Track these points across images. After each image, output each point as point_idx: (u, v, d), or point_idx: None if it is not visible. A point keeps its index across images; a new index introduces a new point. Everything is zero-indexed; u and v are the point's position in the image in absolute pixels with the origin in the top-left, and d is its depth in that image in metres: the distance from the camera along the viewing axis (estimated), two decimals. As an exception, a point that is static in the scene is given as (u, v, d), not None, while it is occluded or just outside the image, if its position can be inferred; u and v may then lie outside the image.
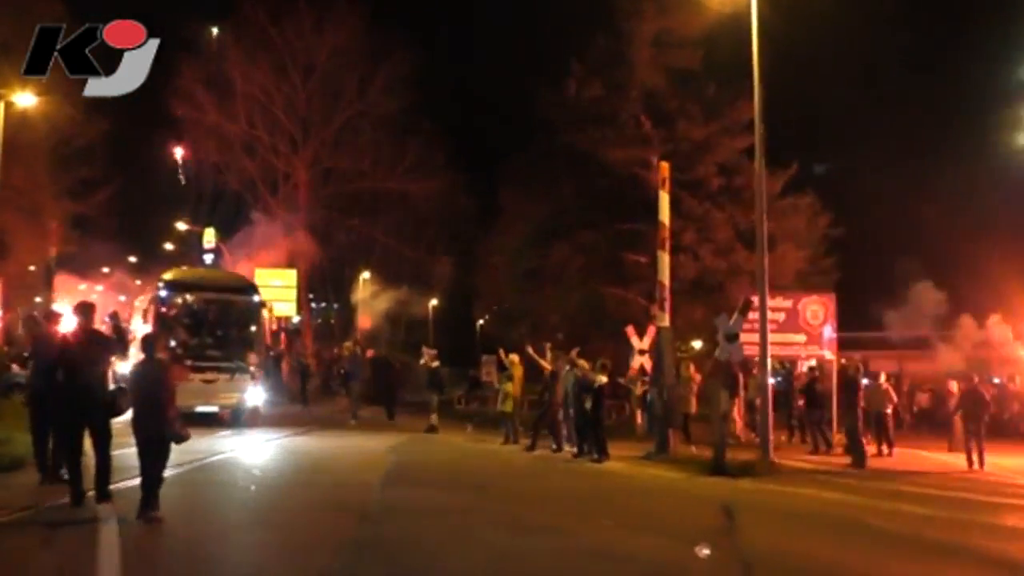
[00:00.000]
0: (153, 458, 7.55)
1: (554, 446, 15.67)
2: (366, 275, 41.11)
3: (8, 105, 22.34)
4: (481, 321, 48.27)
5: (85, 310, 8.59)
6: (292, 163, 38.31)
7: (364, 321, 39.79)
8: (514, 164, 30.46)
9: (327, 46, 36.68)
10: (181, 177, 39.57)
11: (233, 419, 17.41)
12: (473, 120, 45.26)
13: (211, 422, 16.36)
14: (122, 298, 36.19)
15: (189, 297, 18.94)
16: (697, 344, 25.23)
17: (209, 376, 17.02)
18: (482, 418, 21.78)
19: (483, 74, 49.22)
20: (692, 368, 18.53)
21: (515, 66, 40.11)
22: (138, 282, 38.78)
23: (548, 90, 26.55)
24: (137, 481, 7.68)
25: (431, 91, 38.58)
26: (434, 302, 45.74)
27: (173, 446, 7.77)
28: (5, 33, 21.97)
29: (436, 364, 19.59)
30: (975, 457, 15.13)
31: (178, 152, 38.96)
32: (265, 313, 19.41)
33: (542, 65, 34.75)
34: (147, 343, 8.17)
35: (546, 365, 16.25)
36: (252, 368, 17.93)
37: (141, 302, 23.13)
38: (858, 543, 8.27)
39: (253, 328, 18.96)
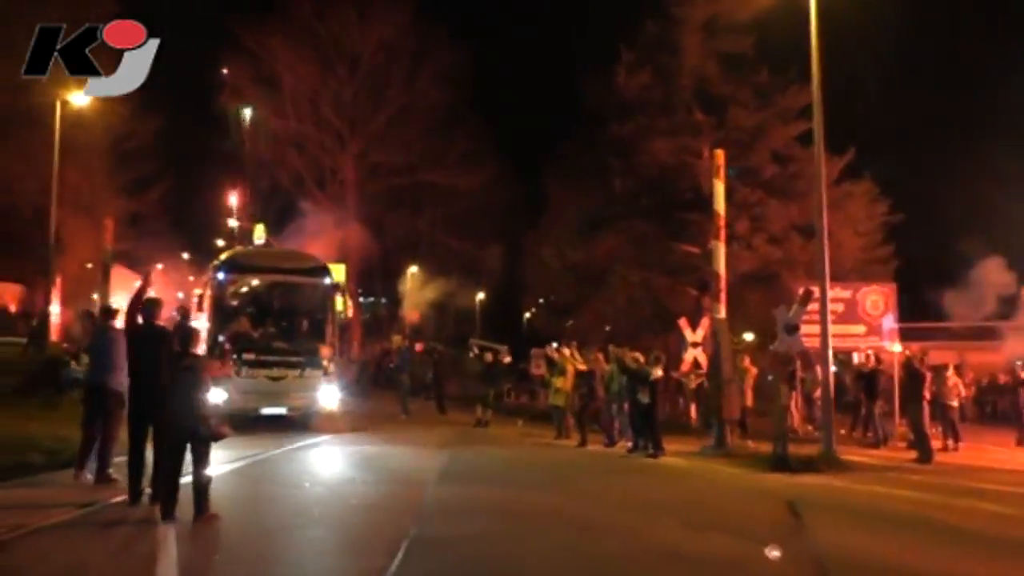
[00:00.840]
0: (195, 460, 7.42)
1: (606, 440, 15.46)
2: (414, 269, 41.16)
3: (64, 105, 22.78)
4: (528, 314, 48.08)
5: (151, 307, 8.57)
6: (339, 158, 38.48)
7: (412, 315, 39.83)
8: (562, 155, 30.18)
9: (373, 40, 36.72)
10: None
11: (304, 421, 15.47)
12: (520, 111, 45.03)
13: (280, 425, 15.06)
14: (180, 295, 36.75)
15: (250, 280, 16.99)
16: (748, 336, 24.72)
17: (276, 373, 15.18)
18: (531, 412, 21.61)
19: (531, 64, 48.98)
20: (747, 361, 18.15)
21: (563, 55, 39.92)
22: (191, 278, 39.38)
23: (596, 79, 26.25)
24: (190, 479, 7.63)
25: (478, 82, 38.51)
26: (481, 295, 45.66)
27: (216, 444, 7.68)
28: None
29: (508, 360, 19.98)
30: None
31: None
32: (339, 298, 16.80)
33: (590, 54, 34.49)
34: (183, 336, 8.12)
35: (580, 364, 16.08)
36: (325, 362, 15.70)
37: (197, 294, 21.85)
38: (937, 543, 7.90)
39: (326, 315, 16.41)
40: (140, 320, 8.48)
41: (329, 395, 15.72)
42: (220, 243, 45.38)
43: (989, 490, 11.18)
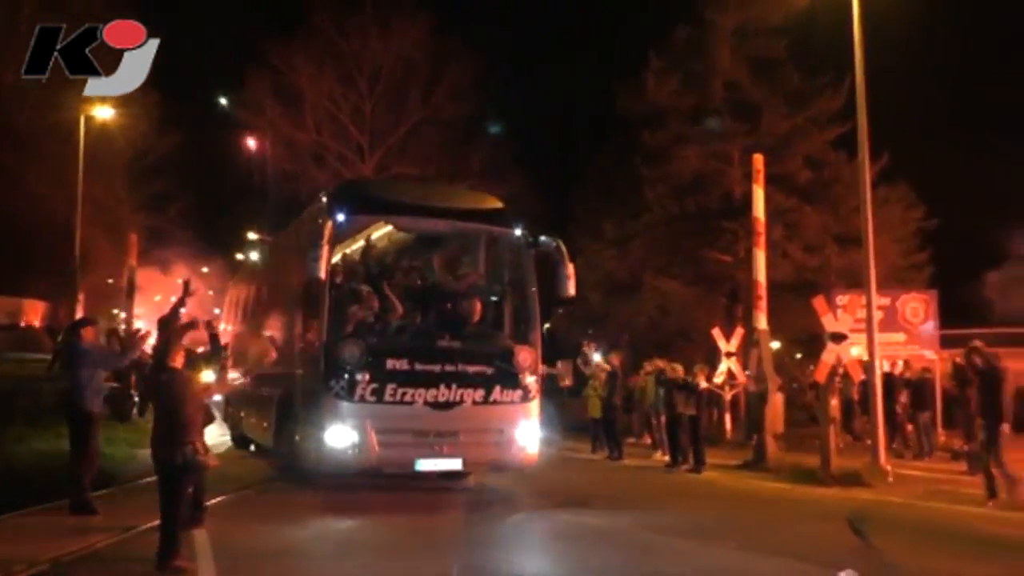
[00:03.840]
0: (163, 495, 6.42)
1: (614, 453, 15.38)
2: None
3: (87, 120, 22.73)
4: (547, 325, 47.56)
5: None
6: (359, 170, 38.34)
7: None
8: (589, 164, 29.82)
9: (392, 53, 36.70)
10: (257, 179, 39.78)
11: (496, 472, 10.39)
12: (545, 121, 44.70)
13: (434, 490, 10.48)
14: (217, 310, 36.79)
15: (392, 232, 11.03)
16: (775, 345, 24.27)
17: (443, 394, 9.38)
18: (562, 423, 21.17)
19: (553, 76, 48.71)
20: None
21: (587, 64, 39.60)
22: (211, 292, 39.33)
23: (625, 86, 25.87)
24: (221, 498, 7.22)
25: (499, 95, 38.34)
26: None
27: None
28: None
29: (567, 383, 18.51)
30: None
31: (250, 151, 39.16)
32: (564, 268, 10.38)
33: (617, 62, 34.19)
34: (164, 348, 7.21)
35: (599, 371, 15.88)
36: (527, 376, 9.88)
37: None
38: (1014, 564, 7.42)
39: (524, 295, 10.45)
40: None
41: (528, 432, 9.91)
42: (240, 257, 45.58)
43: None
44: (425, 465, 9.47)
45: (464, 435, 9.57)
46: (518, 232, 10.57)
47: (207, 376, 7.32)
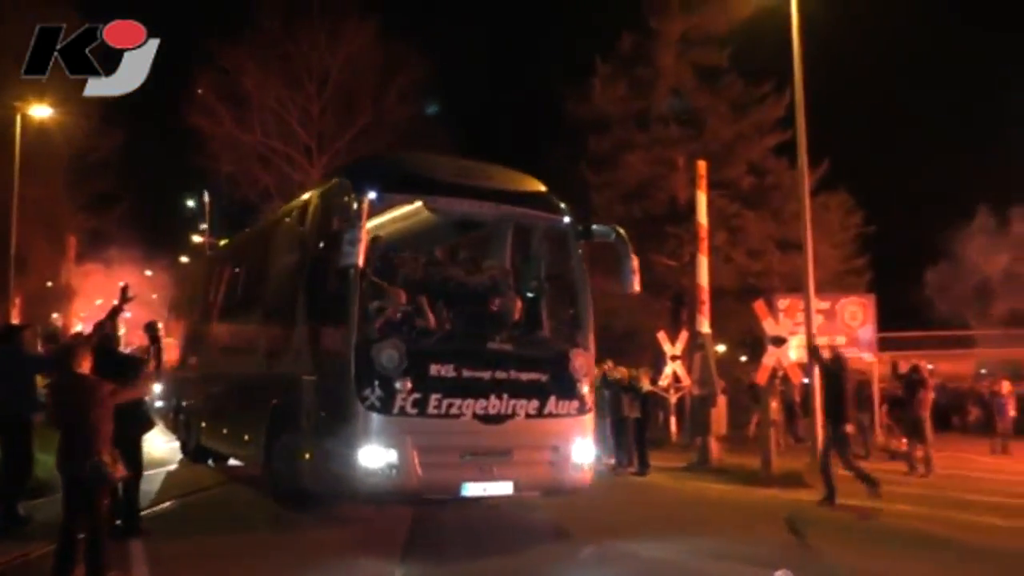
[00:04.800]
0: (65, 510, 5.98)
1: None
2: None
3: (24, 118, 22.12)
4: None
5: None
6: (307, 173, 37.99)
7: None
8: (539, 169, 29.77)
9: (341, 56, 36.43)
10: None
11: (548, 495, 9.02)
12: (495, 125, 44.76)
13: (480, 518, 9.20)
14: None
15: (405, 216, 9.65)
16: (720, 348, 24.66)
17: (493, 405, 8.08)
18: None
19: (504, 79, 48.82)
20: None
21: (535, 70, 39.77)
22: (154, 296, 38.55)
23: (573, 92, 26.09)
24: (167, 504, 7.10)
25: (449, 98, 38.27)
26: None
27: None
28: (17, 44, 21.71)
29: None
30: None
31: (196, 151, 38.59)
32: (628, 260, 9.13)
33: (564, 67, 34.43)
34: (66, 351, 6.64)
35: None
36: (583, 384, 8.68)
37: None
38: (950, 562, 7.66)
39: (574, 291, 9.19)
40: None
41: (586, 454, 8.67)
42: (184, 260, 44.75)
43: (983, 501, 11.03)
44: (473, 489, 7.99)
45: (517, 453, 8.21)
46: (567, 219, 9.24)
47: (135, 379, 7.05)
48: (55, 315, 33.95)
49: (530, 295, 9.37)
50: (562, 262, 9.45)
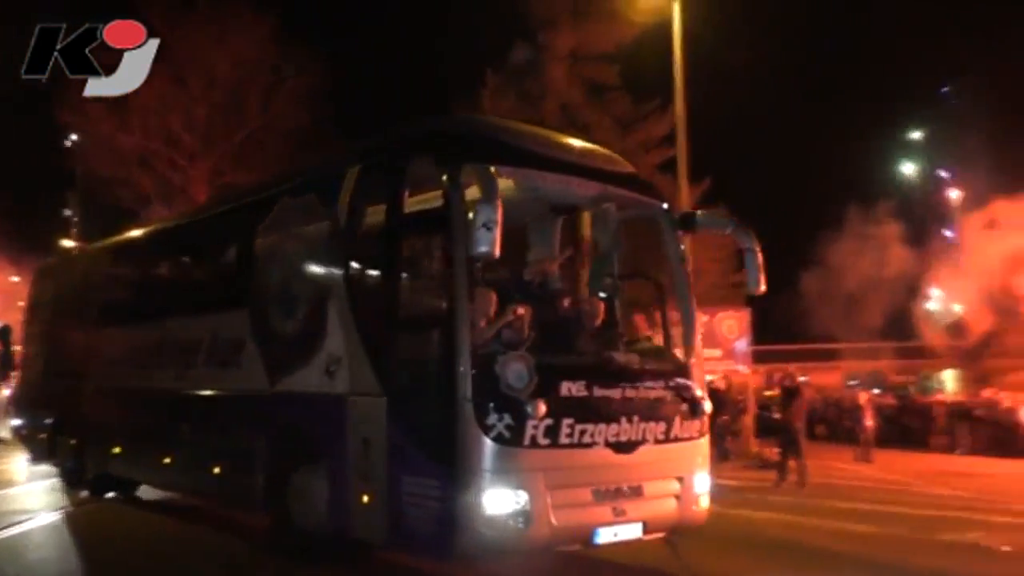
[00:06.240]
0: None
1: None
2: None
3: None
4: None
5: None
6: (190, 177, 36.69)
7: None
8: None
9: (230, 57, 35.34)
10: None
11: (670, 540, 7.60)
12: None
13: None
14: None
15: (514, 197, 7.31)
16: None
17: (624, 430, 6.81)
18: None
19: (399, 86, 48.48)
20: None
21: (428, 78, 39.69)
22: (20, 303, 36.45)
23: (462, 102, 26.10)
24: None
25: (343, 104, 37.73)
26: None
27: None
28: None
29: None
30: None
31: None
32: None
33: (458, 77, 34.51)
34: None
35: None
36: (703, 399, 7.53)
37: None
38: (814, 569, 7.92)
39: (679, 285, 8.02)
40: None
41: (706, 484, 7.60)
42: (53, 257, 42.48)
43: (851, 509, 11.49)
44: (604, 535, 6.70)
45: (647, 487, 6.98)
46: (665, 205, 8.07)
47: None
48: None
49: (675, 288, 7.96)
50: (657, 256, 8.17)
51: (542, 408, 6.19)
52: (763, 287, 7.78)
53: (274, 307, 8.35)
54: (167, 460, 10.02)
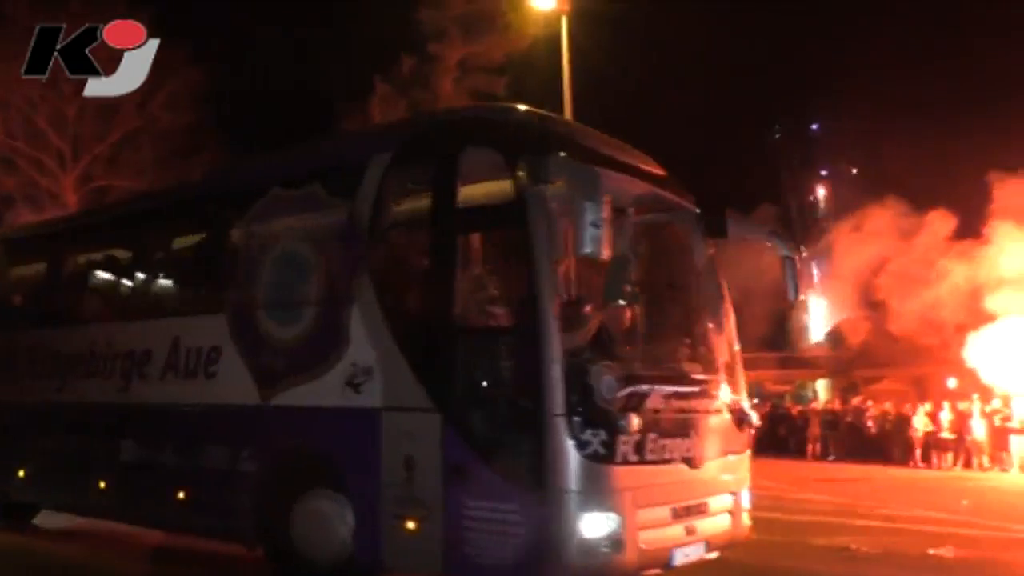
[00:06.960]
0: None
1: None
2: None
3: None
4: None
5: None
6: (60, 180, 34.88)
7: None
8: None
9: (102, 56, 33.84)
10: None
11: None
12: (272, 139, 43.34)
13: None
14: None
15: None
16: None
17: (694, 443, 6.47)
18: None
19: (285, 90, 47.43)
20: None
21: (315, 84, 39.02)
22: None
23: (350, 110, 25.84)
24: None
25: (226, 107, 36.62)
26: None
27: None
28: None
29: None
30: None
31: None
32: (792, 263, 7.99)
33: (346, 84, 34.13)
34: None
35: None
36: (750, 412, 7.29)
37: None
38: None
39: (716, 292, 7.59)
40: None
41: (748, 499, 7.28)
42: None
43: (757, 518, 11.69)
44: (679, 557, 6.24)
45: (711, 504, 6.64)
46: (698, 210, 7.63)
47: None
48: None
49: (714, 300, 7.59)
50: (687, 263, 7.61)
51: (636, 422, 5.77)
52: (802, 296, 7.82)
53: (263, 311, 7.39)
54: (103, 485, 8.66)
